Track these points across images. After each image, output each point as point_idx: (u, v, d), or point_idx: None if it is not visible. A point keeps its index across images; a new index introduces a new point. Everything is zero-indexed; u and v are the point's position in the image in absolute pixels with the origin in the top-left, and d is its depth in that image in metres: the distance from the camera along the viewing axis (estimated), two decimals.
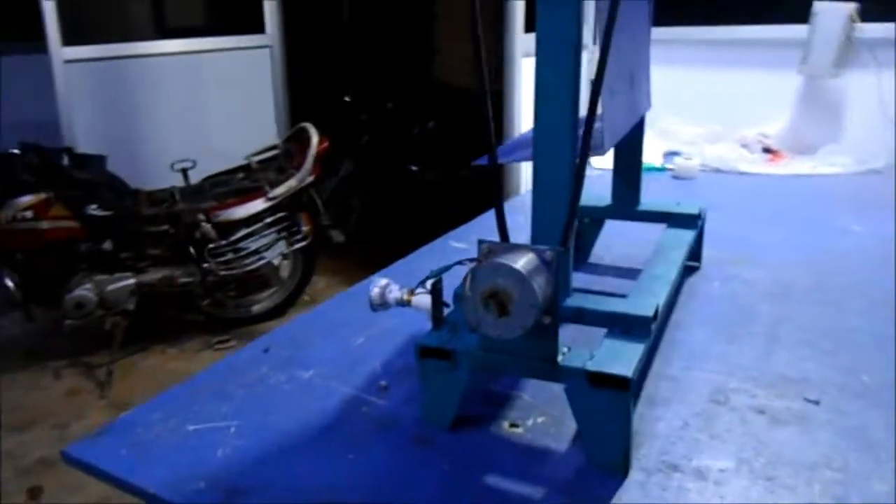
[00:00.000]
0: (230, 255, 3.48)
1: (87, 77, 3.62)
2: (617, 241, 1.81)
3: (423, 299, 1.07)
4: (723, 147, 2.80)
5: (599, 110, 1.01)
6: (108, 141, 3.65)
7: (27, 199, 2.97)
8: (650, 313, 1.03)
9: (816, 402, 1.15)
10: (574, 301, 1.09)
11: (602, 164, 2.62)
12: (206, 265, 3.40)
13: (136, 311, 3.35)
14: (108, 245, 3.27)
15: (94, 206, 3.12)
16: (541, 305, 0.88)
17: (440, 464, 1.01)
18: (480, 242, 0.95)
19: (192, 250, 3.37)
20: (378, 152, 4.72)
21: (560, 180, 1.02)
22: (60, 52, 3.46)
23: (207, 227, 3.36)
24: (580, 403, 0.97)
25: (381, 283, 1.10)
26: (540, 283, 0.88)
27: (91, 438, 1.08)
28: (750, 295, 1.55)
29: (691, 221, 1.52)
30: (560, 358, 0.96)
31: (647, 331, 1.03)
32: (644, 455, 1.02)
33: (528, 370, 0.99)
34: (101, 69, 3.69)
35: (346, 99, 4.81)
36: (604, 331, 1.05)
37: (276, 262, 3.70)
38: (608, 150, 1.06)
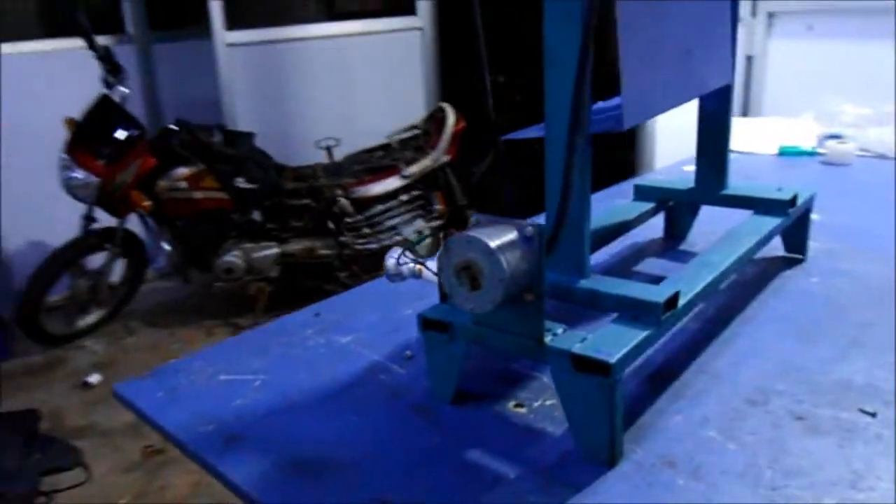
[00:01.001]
0: (366, 230, 3.67)
1: (246, 59, 3.97)
2: (720, 227, 1.71)
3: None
4: (890, 130, 2.52)
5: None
6: (262, 119, 3.98)
7: (182, 171, 3.34)
8: (661, 300, 0.99)
9: (873, 415, 1.04)
10: (588, 283, 1.07)
11: (752, 148, 2.48)
12: (342, 238, 3.61)
13: (279, 279, 3.64)
14: (256, 216, 3.57)
15: (241, 179, 3.43)
16: (509, 281, 0.88)
17: (431, 435, 1.04)
18: (472, 215, 0.96)
19: (330, 224, 3.60)
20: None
21: (561, 153, 1.00)
22: (223, 36, 3.82)
23: (345, 202, 3.57)
24: (564, 387, 0.95)
25: (395, 254, 1.15)
26: (511, 259, 0.88)
27: (139, 380, 1.23)
28: (850, 293, 1.41)
29: (780, 208, 1.40)
30: (549, 338, 0.96)
31: (655, 318, 0.99)
32: (644, 448, 0.98)
33: (515, 347, 0.98)
34: (259, 52, 4.03)
35: (500, 80, 4.85)
36: None
37: (412, 237, 3.85)
38: (630, 125, 1.01)
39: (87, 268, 3.50)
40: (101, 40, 4.04)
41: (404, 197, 3.67)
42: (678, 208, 1.65)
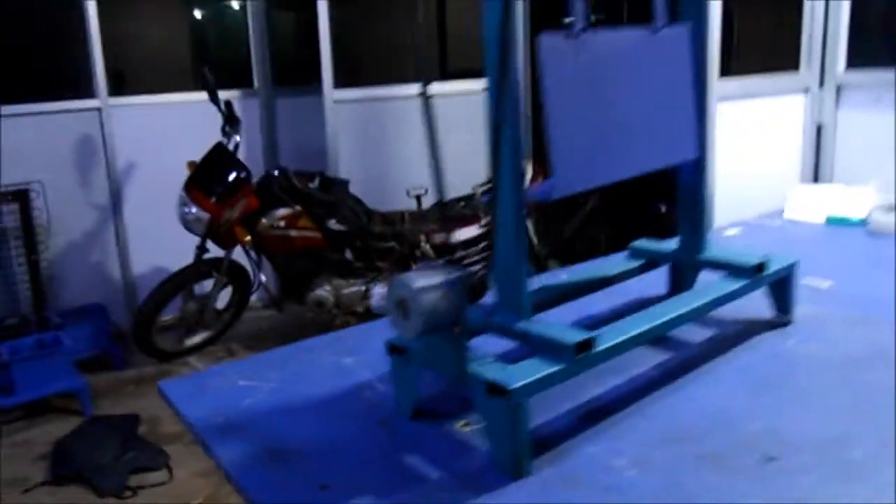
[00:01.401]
0: None
1: (350, 114, 4.39)
2: None
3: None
4: None
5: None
6: (361, 168, 4.38)
7: (281, 212, 3.74)
8: (573, 342, 1.18)
9: (774, 459, 1.17)
10: (523, 324, 1.27)
11: (802, 216, 2.56)
12: None
13: (364, 314, 3.96)
14: (347, 255, 3.92)
15: (333, 221, 3.80)
16: (429, 315, 1.11)
17: (384, 442, 1.27)
18: (418, 262, 1.20)
19: (413, 266, 3.90)
20: (625, 188, 4.86)
21: (507, 216, 1.23)
22: (332, 93, 4.26)
23: (427, 247, 3.86)
24: (481, 408, 1.16)
25: (381, 292, 1.39)
26: (432, 297, 1.12)
27: (180, 380, 1.54)
28: (819, 357, 1.53)
29: (747, 273, 1.54)
30: (472, 366, 1.17)
31: (568, 357, 1.18)
32: (554, 468, 1.17)
33: (447, 372, 1.21)
34: (362, 108, 4.44)
35: None
36: None
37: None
38: (559, 196, 1.22)
39: (197, 293, 3.96)
40: (232, 94, 4.63)
41: (483, 244, 3.91)
42: (680, 267, 1.80)
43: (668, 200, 4.84)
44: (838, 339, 1.59)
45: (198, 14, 5.04)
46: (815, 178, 3.03)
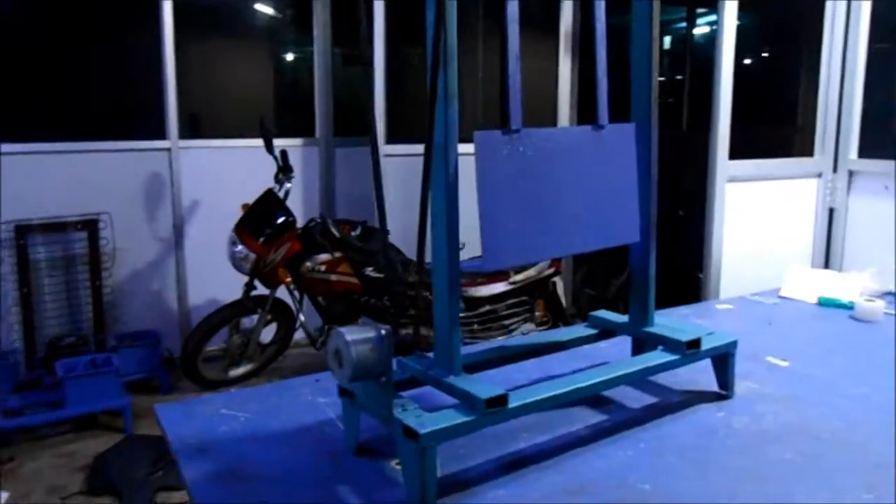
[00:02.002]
0: (475, 326, 4.14)
1: (398, 167, 4.70)
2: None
3: None
4: None
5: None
6: (404, 218, 4.66)
7: (322, 257, 4.05)
8: (484, 397, 1.39)
9: None
10: (451, 379, 1.48)
11: (796, 295, 2.67)
12: None
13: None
14: (383, 301, 4.19)
15: (371, 269, 4.08)
16: (357, 365, 1.34)
17: (325, 472, 1.49)
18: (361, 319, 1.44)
19: None
20: (669, 255, 4.99)
21: (442, 286, 1.45)
22: (383, 147, 4.59)
23: None
24: (400, 449, 1.37)
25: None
26: (362, 350, 1.34)
27: (173, 404, 1.81)
28: (739, 432, 1.66)
29: (680, 349, 1.71)
30: (397, 411, 1.39)
31: (479, 410, 1.39)
32: (456, 502, 1.36)
33: (378, 415, 1.42)
34: (409, 162, 4.75)
35: None
36: None
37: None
38: (491, 269, 1.44)
39: (243, 327, 4.30)
40: (295, 141, 5.04)
41: (511, 301, 4.11)
42: (635, 337, 1.97)
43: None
44: (765, 414, 1.72)
45: (270, 64, 5.50)
46: (826, 260, 3.12)
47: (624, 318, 1.88)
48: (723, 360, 1.80)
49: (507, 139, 1.47)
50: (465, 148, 1.42)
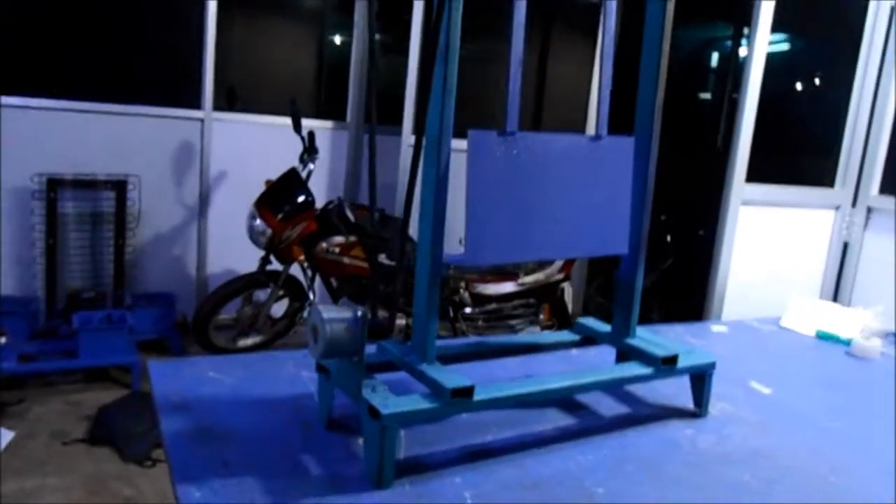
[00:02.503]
0: (481, 323, 4.19)
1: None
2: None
3: None
4: None
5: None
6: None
7: (337, 239, 4.12)
8: (450, 387, 1.44)
9: None
10: (424, 367, 1.54)
11: (796, 326, 2.67)
12: (458, 325, 4.18)
13: None
14: (391, 288, 4.25)
15: (384, 256, 4.14)
16: (330, 342, 1.40)
17: (294, 441, 1.56)
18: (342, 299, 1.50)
19: (450, 311, 4.18)
20: (683, 269, 5.00)
21: (423, 275, 1.51)
22: (409, 138, 4.65)
23: (465, 294, 4.14)
24: (364, 426, 1.43)
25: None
26: (336, 329, 1.41)
27: (164, 362, 1.89)
28: (700, 450, 1.69)
29: (654, 363, 1.74)
30: (366, 391, 1.45)
31: (445, 399, 1.44)
32: (411, 485, 1.42)
33: (348, 392, 1.48)
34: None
35: (662, 218, 5.19)
36: None
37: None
38: (472, 263, 1.49)
39: (255, 299, 4.40)
40: (326, 123, 5.12)
41: (518, 302, 4.15)
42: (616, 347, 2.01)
43: None
44: (732, 436, 1.75)
45: (312, 45, 5.58)
46: (835, 294, 3.11)
47: (607, 328, 1.92)
48: (700, 380, 1.83)
49: (501, 140, 1.51)
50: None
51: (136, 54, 4.64)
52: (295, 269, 4.34)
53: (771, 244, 3.10)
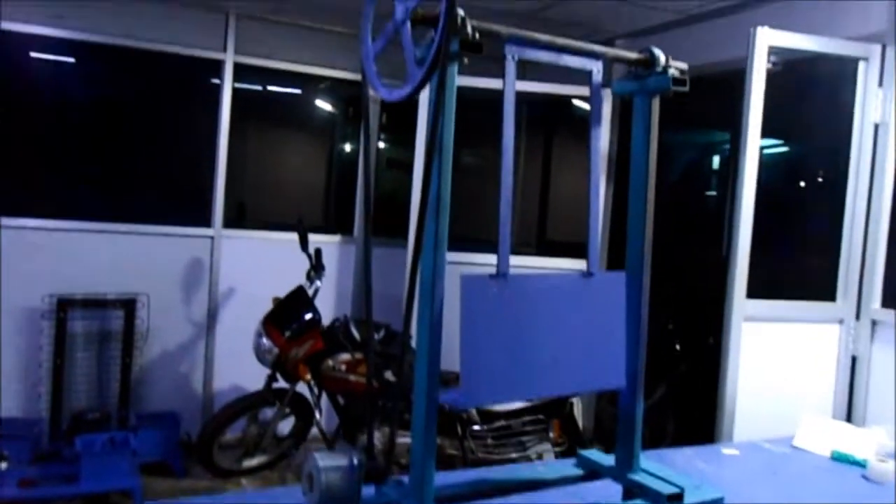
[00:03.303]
0: (490, 441, 4.14)
1: None
2: None
3: None
4: None
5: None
6: None
7: (343, 356, 4.13)
8: None
9: None
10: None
11: (810, 447, 2.63)
12: (467, 443, 4.12)
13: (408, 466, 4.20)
14: (399, 405, 4.23)
15: (388, 373, 4.14)
16: (325, 490, 1.41)
17: None
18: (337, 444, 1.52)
19: (458, 428, 4.14)
20: (693, 382, 4.95)
21: (419, 419, 1.52)
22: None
23: (473, 411, 4.11)
24: None
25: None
26: (332, 476, 1.42)
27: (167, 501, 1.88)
28: None
29: (662, 501, 1.72)
30: None
31: None
32: None
33: None
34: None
35: (670, 327, 5.19)
36: None
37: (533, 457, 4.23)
38: (468, 406, 1.51)
39: (261, 419, 4.37)
40: (333, 238, 5.23)
41: (527, 418, 4.11)
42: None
43: None
44: None
45: (322, 159, 5.78)
46: (849, 408, 3.07)
47: (611, 461, 1.91)
48: None
49: (493, 283, 1.56)
50: (482, 258, 1.52)
51: (147, 174, 4.82)
52: (301, 387, 4.33)
53: (778, 359, 3.09)
